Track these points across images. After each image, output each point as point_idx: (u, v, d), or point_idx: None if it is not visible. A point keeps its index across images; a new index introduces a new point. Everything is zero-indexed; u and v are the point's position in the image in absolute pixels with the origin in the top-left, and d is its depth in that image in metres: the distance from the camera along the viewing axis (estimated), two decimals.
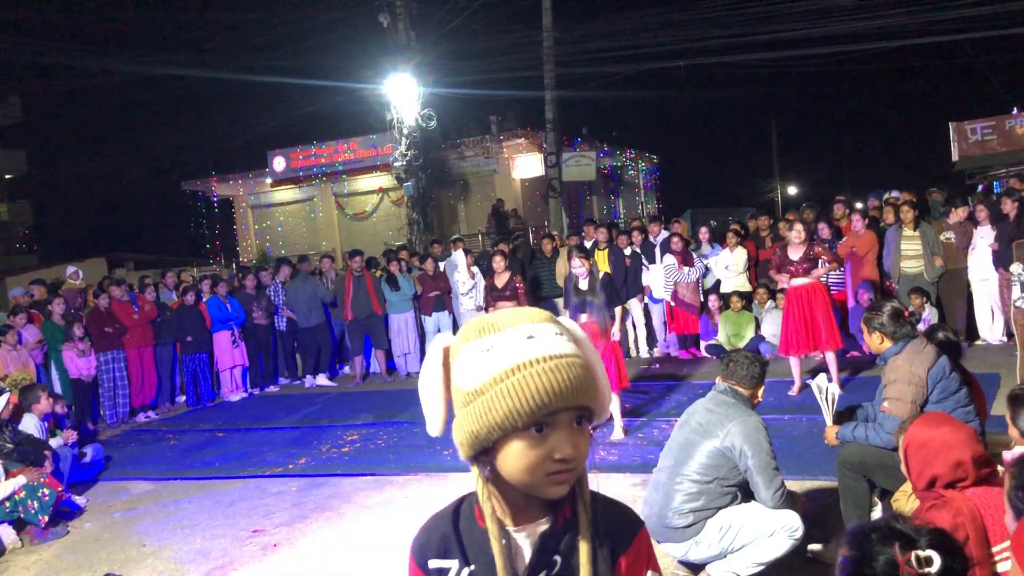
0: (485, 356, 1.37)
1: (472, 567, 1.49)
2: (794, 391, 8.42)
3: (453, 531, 1.53)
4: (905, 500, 3.65)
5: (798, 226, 8.53)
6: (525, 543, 1.48)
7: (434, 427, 1.48)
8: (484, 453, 1.43)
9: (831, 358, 8.31)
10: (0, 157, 36.22)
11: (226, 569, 5.26)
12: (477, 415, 1.37)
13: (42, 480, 6.38)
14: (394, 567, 4.97)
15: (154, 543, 5.94)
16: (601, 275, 7.82)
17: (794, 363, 8.48)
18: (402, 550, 4.81)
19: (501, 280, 9.86)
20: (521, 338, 1.38)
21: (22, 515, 6.22)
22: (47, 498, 6.28)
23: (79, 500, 7.06)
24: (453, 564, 1.50)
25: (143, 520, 6.54)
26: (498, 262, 9.95)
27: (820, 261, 8.34)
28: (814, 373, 9.12)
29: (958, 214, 10.33)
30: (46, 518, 6.25)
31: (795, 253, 8.40)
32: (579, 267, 7.59)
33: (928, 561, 1.74)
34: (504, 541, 1.44)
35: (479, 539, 1.47)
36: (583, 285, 7.59)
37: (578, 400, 1.36)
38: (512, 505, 1.48)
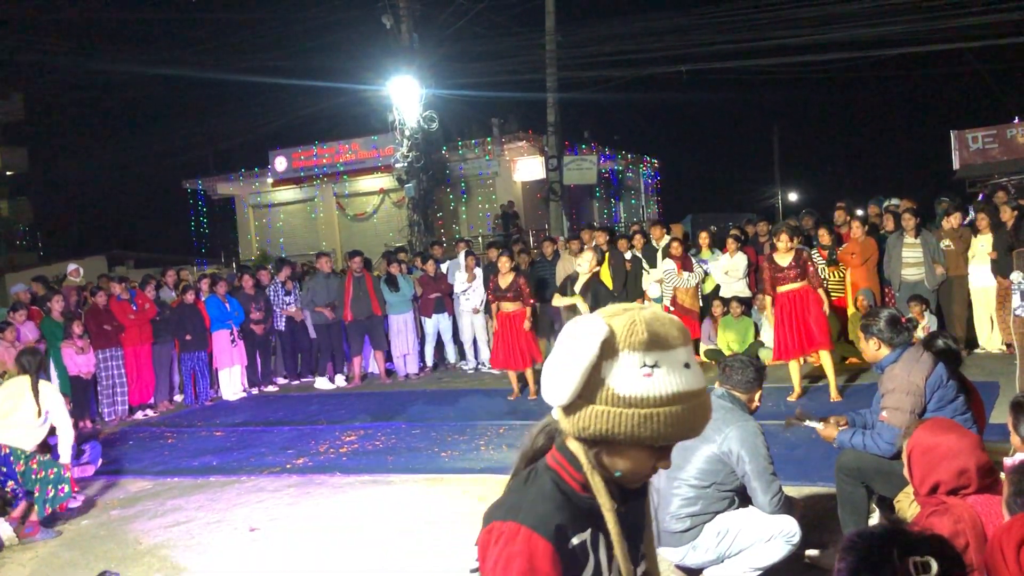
0: (648, 372, 1.45)
1: (599, 532, 1.57)
2: (793, 397, 8.42)
3: (575, 506, 1.56)
4: (908, 503, 3.64)
5: (782, 235, 8.57)
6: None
7: (558, 399, 1.50)
8: (596, 443, 1.51)
9: (826, 359, 8.32)
10: (2, 154, 36.24)
11: (222, 567, 5.26)
12: (622, 423, 1.45)
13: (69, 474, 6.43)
14: (391, 567, 4.97)
15: (151, 541, 5.93)
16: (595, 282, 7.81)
17: (793, 368, 8.48)
18: (397, 552, 4.75)
19: (505, 280, 9.88)
20: (680, 364, 1.48)
21: (36, 493, 6.22)
22: (63, 493, 6.31)
23: (76, 499, 7.05)
24: (587, 534, 1.56)
25: (140, 518, 6.54)
26: (504, 262, 9.96)
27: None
28: (813, 379, 9.15)
29: (951, 221, 10.33)
30: (50, 510, 6.27)
31: (783, 260, 8.43)
32: (585, 264, 7.54)
33: (926, 567, 1.74)
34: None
35: (588, 507, 1.55)
36: (578, 285, 7.59)
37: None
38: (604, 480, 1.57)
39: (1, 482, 6.28)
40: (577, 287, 7.64)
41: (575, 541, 1.53)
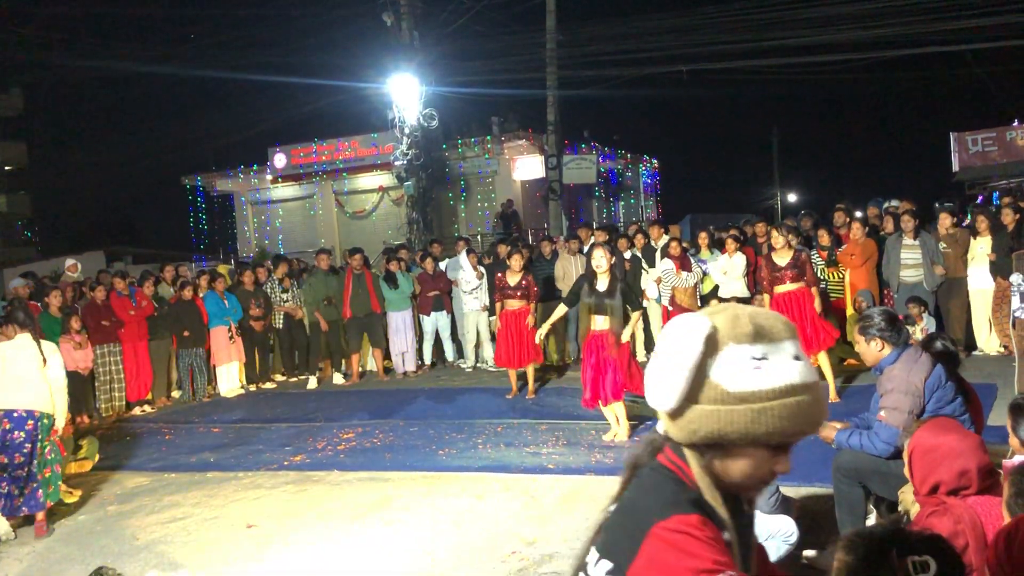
0: (757, 365, 1.39)
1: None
2: None
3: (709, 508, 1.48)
4: (912, 498, 3.63)
5: (774, 234, 8.57)
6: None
7: (666, 402, 1.45)
8: (709, 447, 1.45)
9: (824, 361, 8.33)
10: (0, 149, 36.19)
11: (219, 564, 5.25)
12: (735, 420, 1.39)
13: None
14: (388, 564, 4.97)
15: (148, 536, 5.93)
16: (620, 281, 7.66)
17: None
18: (394, 549, 4.75)
19: (514, 278, 9.88)
20: (790, 356, 1.41)
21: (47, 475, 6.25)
22: (51, 491, 6.31)
23: (72, 494, 7.05)
24: (726, 535, 1.50)
25: (137, 513, 6.53)
26: (516, 260, 9.96)
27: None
28: None
29: (943, 223, 10.34)
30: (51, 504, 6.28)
31: (781, 259, 8.43)
32: (601, 260, 7.40)
33: (924, 567, 1.74)
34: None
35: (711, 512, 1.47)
36: (601, 286, 7.48)
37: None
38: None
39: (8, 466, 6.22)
40: (601, 287, 7.41)
41: (725, 537, 1.45)
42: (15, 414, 6.22)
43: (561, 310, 8.06)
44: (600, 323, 7.38)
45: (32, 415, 6.26)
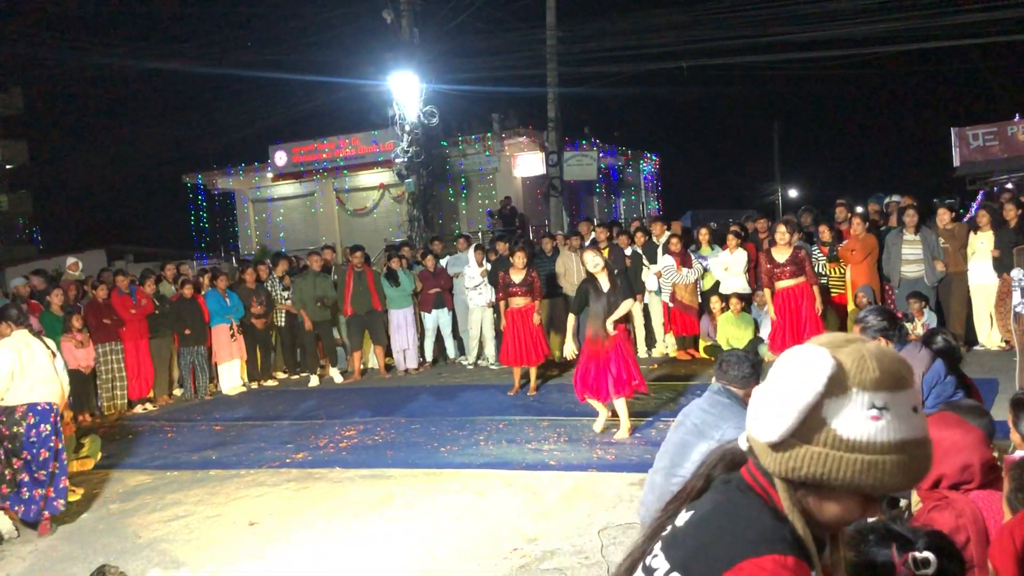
0: (876, 414, 1.32)
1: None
2: None
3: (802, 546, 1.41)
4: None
5: (781, 228, 8.57)
6: None
7: (770, 435, 1.37)
8: (803, 485, 1.38)
9: None
10: (1, 147, 36.20)
11: (221, 561, 5.26)
12: (842, 468, 1.33)
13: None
14: (390, 562, 4.97)
15: (150, 534, 5.94)
16: (616, 272, 7.73)
17: None
18: (396, 546, 4.76)
19: (519, 275, 9.87)
20: (909, 408, 1.34)
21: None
22: (51, 495, 6.29)
23: (75, 493, 7.06)
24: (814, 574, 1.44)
25: (139, 512, 6.54)
26: (519, 257, 9.95)
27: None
28: None
29: (943, 218, 10.33)
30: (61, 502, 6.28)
31: (781, 255, 8.44)
32: (598, 260, 7.45)
33: (925, 563, 1.74)
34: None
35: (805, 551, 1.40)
36: (604, 285, 7.48)
37: None
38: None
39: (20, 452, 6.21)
40: (605, 287, 7.45)
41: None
42: (39, 407, 6.21)
43: (572, 321, 8.06)
44: (614, 331, 7.39)
45: (53, 408, 6.27)
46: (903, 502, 3.74)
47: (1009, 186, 15.61)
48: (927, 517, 2.69)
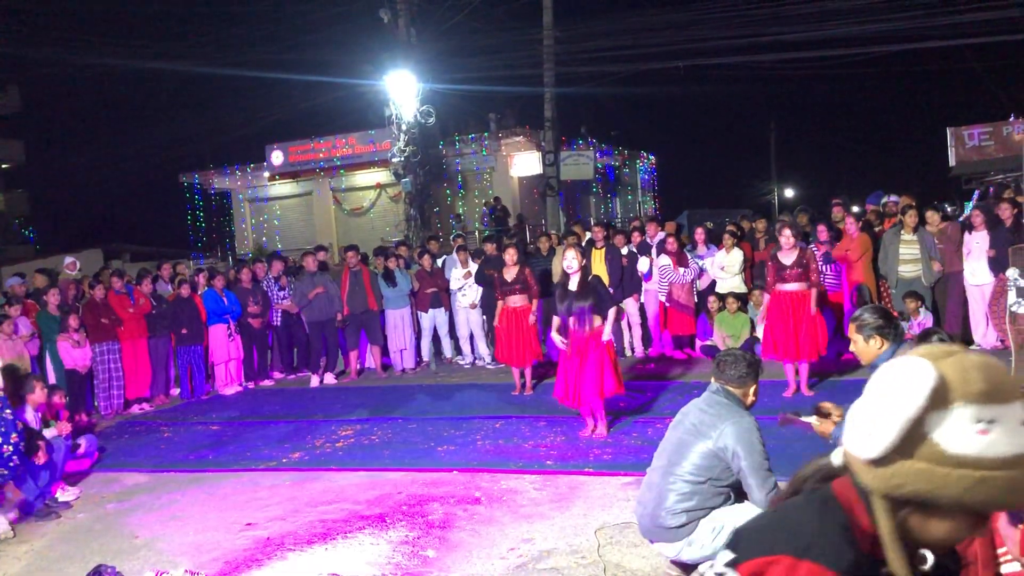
0: (984, 428, 1.26)
1: None
2: (788, 393, 8.44)
3: (862, 562, 1.36)
4: None
5: (786, 231, 8.57)
6: None
7: (871, 450, 1.32)
8: (907, 503, 1.33)
9: (803, 368, 8.41)
10: None
11: (218, 561, 5.26)
12: (949, 485, 1.27)
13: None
14: (387, 561, 4.98)
15: (146, 535, 5.94)
16: (592, 277, 7.81)
17: (787, 366, 8.51)
18: (393, 544, 4.76)
19: (511, 273, 9.87)
20: (1018, 421, 1.28)
21: None
22: None
23: (71, 492, 7.06)
24: None
25: (136, 512, 6.54)
26: (511, 255, 9.95)
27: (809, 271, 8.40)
28: (815, 374, 9.18)
29: (932, 219, 10.36)
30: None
31: (787, 258, 8.45)
32: (572, 262, 7.56)
33: (922, 560, 1.75)
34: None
35: (867, 567, 1.35)
36: (572, 286, 7.58)
37: None
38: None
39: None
40: (573, 287, 7.57)
41: None
42: None
43: (557, 320, 8.11)
44: (573, 324, 7.49)
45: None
46: None
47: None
48: None
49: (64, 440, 7.46)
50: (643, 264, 11.40)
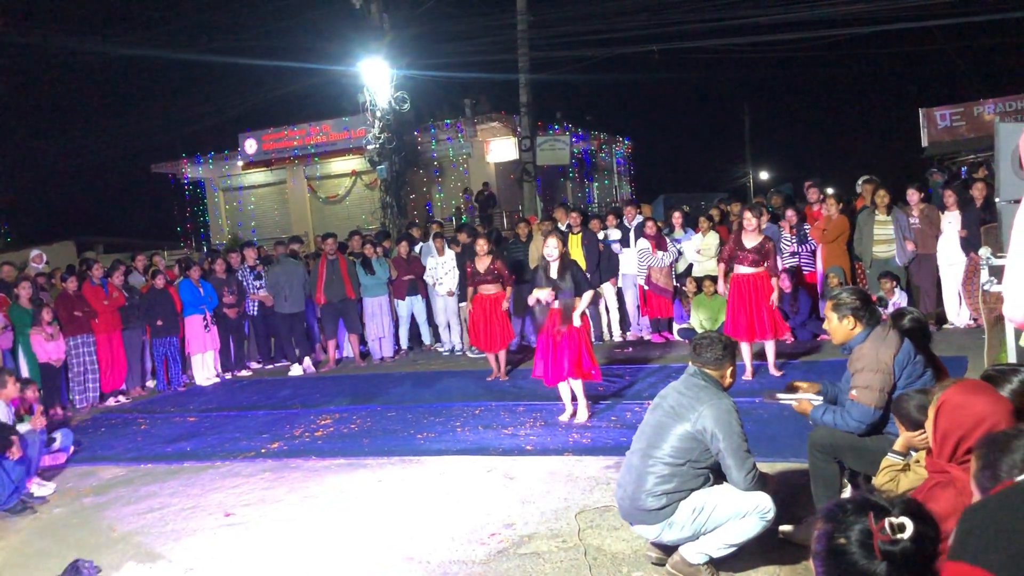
0: None
1: None
2: (747, 375, 8.48)
3: None
4: (883, 480, 3.65)
5: (747, 214, 8.61)
6: None
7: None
8: None
9: (769, 345, 8.47)
10: None
11: (198, 553, 5.23)
12: None
13: None
14: (367, 550, 4.97)
15: (124, 528, 5.89)
16: (570, 262, 7.86)
17: (744, 348, 8.48)
18: (374, 533, 4.73)
19: (483, 264, 9.85)
20: None
21: None
22: None
23: (47, 487, 6.99)
24: None
25: (113, 505, 6.49)
26: (481, 245, 9.92)
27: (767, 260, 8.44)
28: (790, 357, 9.25)
29: (912, 199, 10.43)
30: None
31: (749, 241, 8.50)
32: (553, 249, 7.64)
33: (901, 528, 1.79)
34: None
35: None
36: (553, 272, 7.64)
37: None
38: None
39: None
40: (553, 274, 7.66)
41: None
42: None
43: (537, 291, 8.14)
44: (555, 305, 7.57)
45: None
46: (875, 480, 3.79)
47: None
48: (928, 493, 2.70)
49: (39, 434, 7.38)
50: (630, 266, 11.51)
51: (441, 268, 11.88)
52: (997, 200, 4.98)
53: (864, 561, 1.78)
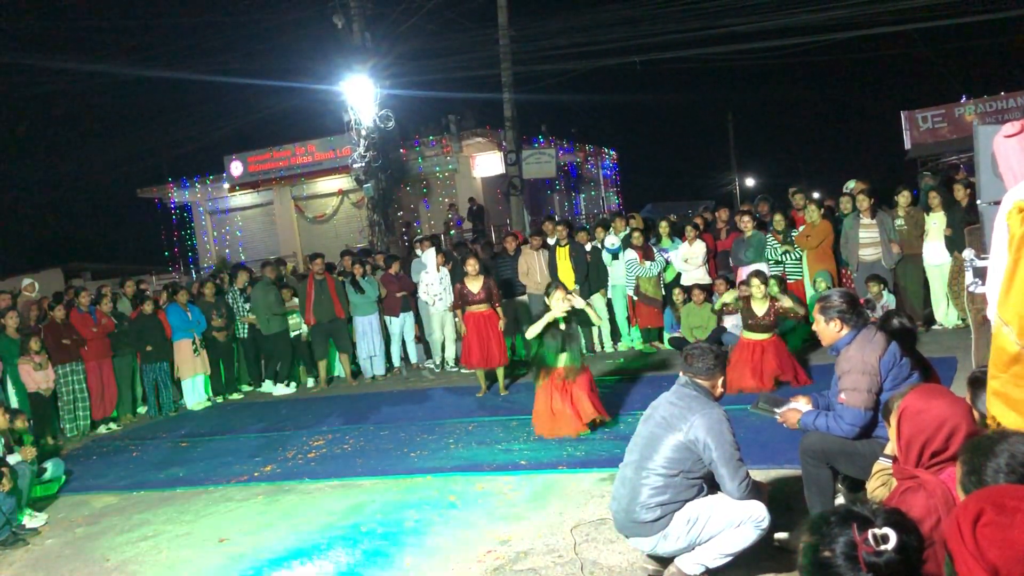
0: None
1: None
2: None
3: None
4: (874, 487, 3.66)
5: (755, 281, 8.72)
6: None
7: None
8: None
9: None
10: None
11: None
12: None
13: None
14: (362, 570, 4.95)
15: (118, 557, 5.85)
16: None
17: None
18: (370, 552, 4.72)
19: (475, 283, 9.84)
20: None
21: None
22: None
23: (39, 518, 6.94)
24: None
25: (107, 534, 6.44)
26: (472, 265, 9.90)
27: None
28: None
29: (903, 199, 10.50)
30: None
31: (760, 308, 8.62)
32: (562, 308, 7.60)
33: (885, 538, 1.80)
34: None
35: None
36: (562, 325, 7.63)
37: None
38: None
39: None
40: (563, 325, 7.66)
41: None
42: None
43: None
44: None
45: None
46: (866, 487, 3.79)
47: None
48: (900, 499, 2.72)
49: (29, 465, 7.33)
50: (619, 278, 11.55)
51: (439, 284, 11.74)
52: (979, 202, 5.01)
53: (850, 573, 1.80)
